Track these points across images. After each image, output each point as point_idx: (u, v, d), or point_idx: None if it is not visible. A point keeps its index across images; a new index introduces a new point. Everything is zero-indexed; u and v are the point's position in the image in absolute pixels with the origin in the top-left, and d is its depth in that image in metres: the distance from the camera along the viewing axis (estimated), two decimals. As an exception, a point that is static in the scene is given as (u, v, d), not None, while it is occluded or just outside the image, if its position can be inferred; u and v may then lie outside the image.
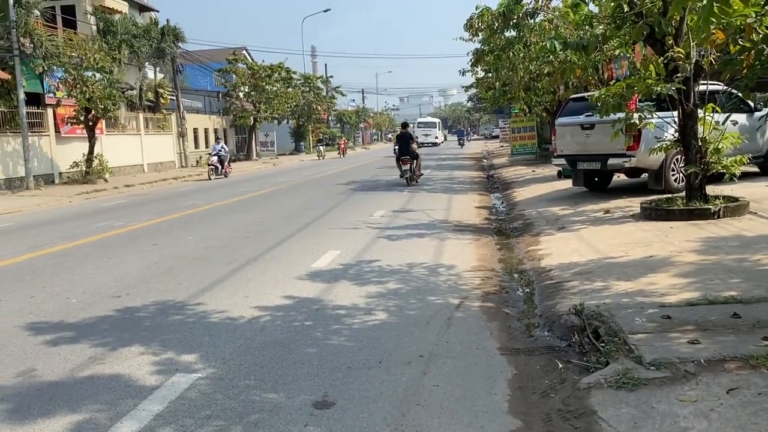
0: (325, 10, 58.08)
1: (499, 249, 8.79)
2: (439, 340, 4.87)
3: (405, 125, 20.61)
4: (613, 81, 11.25)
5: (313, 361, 4.49)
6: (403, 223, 11.12)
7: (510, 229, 10.55)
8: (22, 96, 21.45)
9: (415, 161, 18.78)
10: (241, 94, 43.26)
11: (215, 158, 26.40)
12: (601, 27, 11.10)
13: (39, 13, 23.70)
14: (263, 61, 45.69)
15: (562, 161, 13.03)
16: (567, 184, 14.05)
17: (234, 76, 42.17)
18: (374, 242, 9.28)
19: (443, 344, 4.79)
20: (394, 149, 20.08)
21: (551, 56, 13.18)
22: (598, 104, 9.03)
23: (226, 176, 26.35)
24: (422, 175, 20.33)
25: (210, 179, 25.15)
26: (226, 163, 26.74)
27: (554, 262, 7.20)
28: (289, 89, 46.80)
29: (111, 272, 7.79)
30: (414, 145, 18.90)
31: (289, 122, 54.14)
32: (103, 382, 4.22)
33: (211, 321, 5.55)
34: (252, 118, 42.67)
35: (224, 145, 28.16)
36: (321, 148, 45.31)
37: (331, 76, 65.21)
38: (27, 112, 21.92)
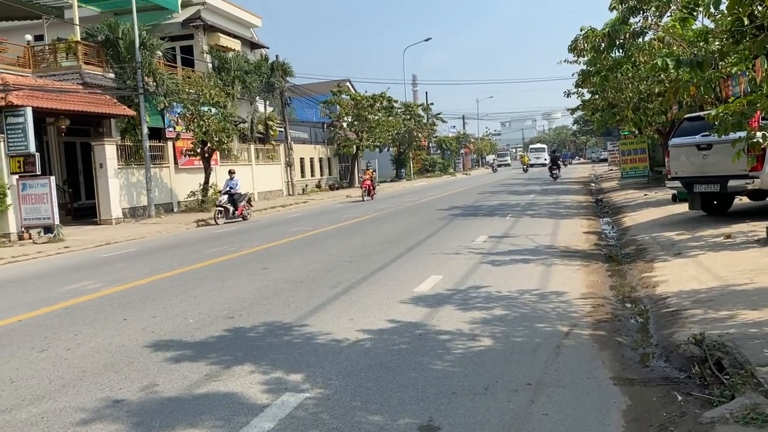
0: (426, 39, 58.85)
1: (610, 276, 8.44)
2: (547, 368, 4.72)
3: (554, 152, 33.28)
4: (732, 98, 10.61)
5: (418, 385, 4.48)
6: (507, 248, 10.93)
7: (621, 255, 10.11)
8: (145, 131, 23.16)
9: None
10: (344, 124, 44.47)
11: (225, 198, 20.81)
12: (717, 43, 10.54)
13: (161, 54, 25.61)
14: (366, 91, 46.76)
15: (677, 184, 12.37)
16: (683, 208, 13.31)
17: (338, 107, 43.49)
18: (477, 267, 9.17)
19: (552, 372, 4.63)
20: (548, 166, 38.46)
21: (662, 75, 12.64)
22: (716, 123, 8.52)
23: (245, 219, 20.95)
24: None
25: (216, 223, 19.78)
26: (242, 204, 21.11)
27: (671, 289, 6.82)
28: (391, 118, 47.58)
29: (224, 294, 8.17)
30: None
31: (390, 150, 54.96)
32: (218, 399, 4.41)
33: (318, 342, 5.67)
34: (354, 146, 43.71)
35: (238, 180, 21.56)
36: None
37: (432, 104, 65.67)
38: (149, 146, 23.62)
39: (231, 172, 21.72)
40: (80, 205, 24.25)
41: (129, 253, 13.68)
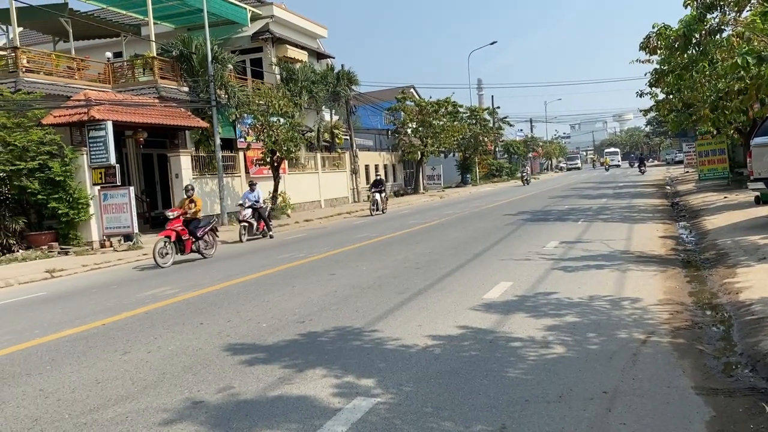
0: (492, 43, 58.47)
1: (689, 282, 8.11)
2: (624, 377, 4.58)
3: (641, 154, 33.76)
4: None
5: (489, 392, 4.43)
6: (579, 254, 10.67)
7: (701, 260, 9.70)
8: (218, 142, 23.92)
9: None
10: (408, 130, 44.60)
11: (248, 212, 18.51)
12: (802, 35, 10.00)
13: (232, 67, 26.42)
14: (430, 97, 46.80)
15: (761, 185, 11.80)
16: (767, 210, 12.65)
17: (402, 113, 43.67)
18: (548, 274, 9.00)
19: (629, 381, 4.49)
20: (637, 165, 40.25)
21: (743, 72, 12.08)
22: (803, 120, 8.09)
23: (267, 236, 18.66)
24: None
25: (241, 241, 17.75)
26: (265, 217, 19.00)
27: (756, 295, 6.49)
28: (456, 123, 47.37)
29: (295, 299, 8.32)
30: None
31: (455, 155, 54.70)
32: (292, 402, 4.50)
33: (387, 348, 5.70)
34: (419, 152, 43.74)
35: (260, 192, 19.31)
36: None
37: (498, 107, 65.06)
38: (222, 156, 24.38)
39: (252, 184, 19.64)
40: (157, 214, 25.24)
41: (203, 261, 14.12)
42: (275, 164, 25.73)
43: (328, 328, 6.59)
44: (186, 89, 24.27)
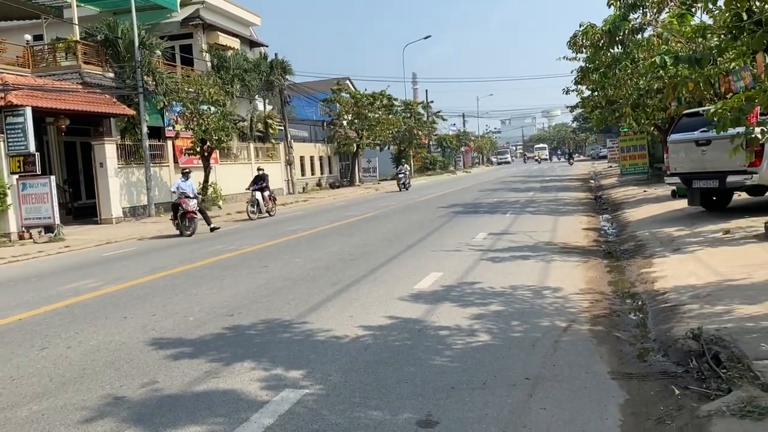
0: (426, 37, 58.86)
1: (609, 271, 8.46)
2: (545, 363, 4.74)
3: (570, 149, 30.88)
4: (731, 94, 10.62)
5: (417, 380, 4.50)
6: (507, 245, 10.95)
7: (620, 251, 10.13)
8: (145, 130, 23.20)
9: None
10: (344, 122, 44.49)
11: (193, 202, 16.35)
12: (715, 38, 10.54)
13: (160, 53, 25.61)
14: (366, 89, 46.72)
15: (676, 180, 12.38)
16: (682, 203, 13.33)
17: (338, 105, 43.50)
18: (477, 264, 9.20)
19: (550, 367, 4.65)
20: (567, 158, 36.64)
21: (661, 71, 12.63)
22: (715, 119, 8.53)
23: (192, 233, 16.08)
24: None
25: (182, 235, 15.94)
26: (203, 209, 17.10)
27: (669, 284, 6.84)
28: (391, 116, 47.57)
29: (224, 292, 8.19)
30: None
31: (390, 148, 54.95)
32: (218, 395, 4.43)
33: (318, 339, 5.69)
34: (355, 145, 43.71)
35: (192, 183, 17.31)
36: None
37: (432, 101, 65.70)
38: (149, 145, 23.65)
39: (186, 172, 17.49)
40: (80, 204, 24.28)
41: (129, 252, 13.70)
42: (206, 154, 25.18)
43: (258, 320, 6.52)
44: (111, 75, 23.39)
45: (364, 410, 4.02)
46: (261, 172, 21.47)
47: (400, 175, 35.47)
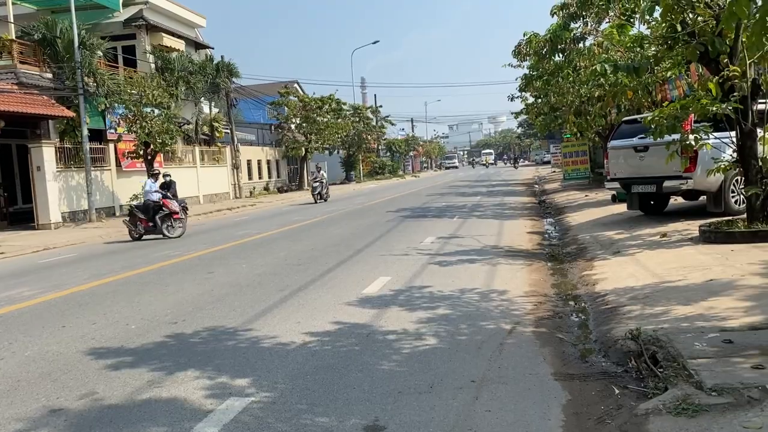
0: (374, 42, 59.08)
1: (552, 274, 8.65)
2: (491, 366, 4.81)
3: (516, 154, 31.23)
4: (667, 102, 11.04)
5: (364, 385, 4.50)
6: (454, 249, 11.07)
7: (563, 254, 10.37)
8: (85, 132, 22.47)
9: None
10: (292, 126, 44.17)
11: (175, 203, 16.07)
12: (653, 48, 10.94)
13: (102, 54, 24.89)
14: (314, 93, 46.71)
15: (616, 185, 12.77)
16: (621, 208, 13.75)
17: (286, 108, 43.16)
18: (424, 268, 9.26)
19: (495, 369, 4.72)
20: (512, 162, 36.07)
21: (602, 79, 13.05)
22: (652, 126, 8.86)
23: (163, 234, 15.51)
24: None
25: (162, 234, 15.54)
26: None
27: (609, 286, 7.04)
28: (339, 120, 47.50)
29: (168, 300, 8.00)
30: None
31: (339, 152, 54.89)
32: (160, 405, 4.32)
33: (264, 346, 5.63)
34: (303, 149, 43.45)
35: (157, 185, 16.49)
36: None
37: (381, 106, 66.00)
38: (90, 148, 22.92)
39: (154, 174, 17.36)
40: (17, 209, 23.33)
41: (68, 259, 13.24)
42: (149, 157, 24.54)
43: (202, 328, 6.40)
44: (50, 76, 22.58)
45: (311, 417, 3.99)
46: (168, 179, 17.30)
47: (315, 184, 28.13)
